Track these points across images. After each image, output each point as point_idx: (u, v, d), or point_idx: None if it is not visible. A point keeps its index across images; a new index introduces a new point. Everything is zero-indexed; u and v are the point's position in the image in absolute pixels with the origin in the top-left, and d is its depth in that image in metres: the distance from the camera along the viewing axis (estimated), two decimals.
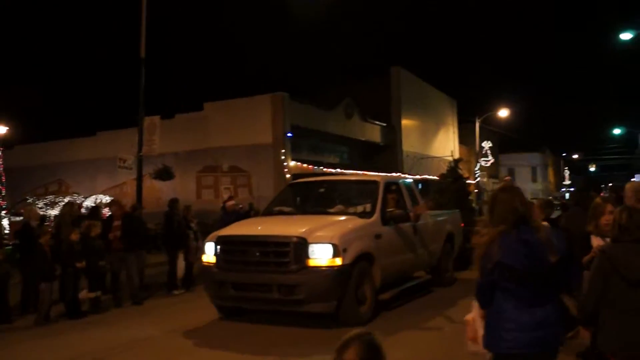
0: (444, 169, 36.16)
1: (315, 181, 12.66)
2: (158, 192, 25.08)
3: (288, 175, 25.28)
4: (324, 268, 8.10)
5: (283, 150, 25.03)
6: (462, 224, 13.41)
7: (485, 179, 48.76)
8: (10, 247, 12.63)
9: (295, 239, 8.19)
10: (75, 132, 33.62)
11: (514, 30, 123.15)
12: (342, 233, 8.48)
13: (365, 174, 16.17)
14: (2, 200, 26.78)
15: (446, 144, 42.56)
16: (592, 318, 3.95)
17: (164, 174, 22.51)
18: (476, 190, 41.18)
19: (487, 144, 49.37)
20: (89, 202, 24.15)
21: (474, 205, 29.97)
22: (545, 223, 5.16)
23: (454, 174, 18.41)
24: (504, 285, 3.46)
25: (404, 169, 33.57)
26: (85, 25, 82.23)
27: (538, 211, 6.93)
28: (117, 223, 11.20)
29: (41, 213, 18.90)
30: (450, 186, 17.53)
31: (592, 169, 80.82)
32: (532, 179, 65.93)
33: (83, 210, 20.78)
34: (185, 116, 27.24)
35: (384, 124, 34.05)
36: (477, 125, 41.18)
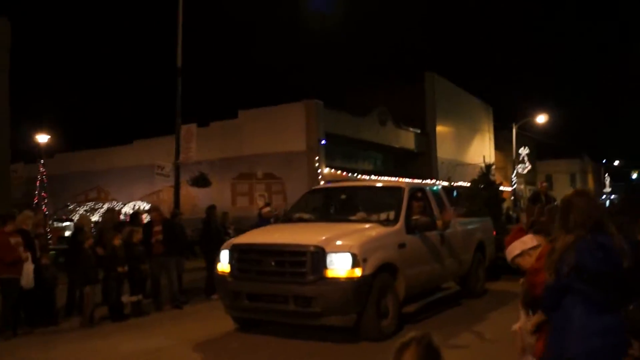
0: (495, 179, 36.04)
1: (337, 187, 12.19)
2: (194, 199, 25.42)
3: (322, 182, 25.40)
4: (342, 279, 7.60)
5: (317, 158, 25.15)
6: (494, 232, 12.87)
7: (522, 186, 48.22)
8: (54, 252, 13.01)
9: (312, 248, 7.70)
10: (113, 140, 34.35)
11: (550, 34, 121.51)
12: (362, 242, 7.99)
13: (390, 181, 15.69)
14: (45, 207, 27.48)
15: (482, 151, 42.12)
16: None
17: (201, 181, 22.81)
18: (512, 198, 40.77)
19: (524, 151, 48.73)
20: (127, 209, 24.63)
21: (510, 212, 29.71)
22: None
23: (485, 179, 17.44)
24: (579, 288, 3.44)
25: (439, 176, 33.42)
26: (122, 35, 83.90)
27: None
28: (157, 228, 11.43)
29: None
30: (481, 193, 16.72)
31: (634, 175, 79.09)
32: (571, 185, 64.85)
33: (121, 217, 21.25)
34: (220, 124, 27.59)
35: (418, 131, 33.94)
36: (514, 131, 40.75)
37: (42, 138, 30.32)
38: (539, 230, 5.06)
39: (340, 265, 7.62)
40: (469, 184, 18.79)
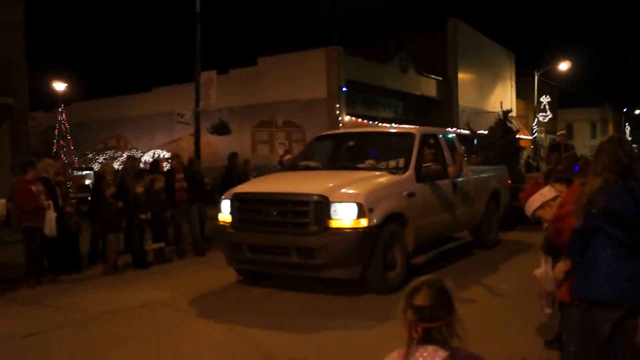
0: (515, 127, 35.69)
1: (346, 134, 11.69)
2: (214, 147, 25.30)
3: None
4: (347, 230, 7.30)
5: (337, 105, 24.79)
6: (510, 181, 12.54)
7: (542, 135, 47.56)
8: (75, 200, 12.96)
9: (315, 198, 7.37)
10: (132, 88, 34.14)
11: None
12: (369, 191, 7.61)
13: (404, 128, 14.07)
14: (64, 156, 27.54)
15: (504, 99, 41.36)
16: None
17: (222, 129, 22.62)
18: (533, 146, 40.26)
19: (545, 99, 47.84)
20: (147, 157, 24.57)
21: (531, 161, 29.33)
22: None
23: (502, 127, 16.55)
24: (607, 230, 3.43)
25: (460, 124, 32.95)
26: None
27: None
28: (180, 176, 11.32)
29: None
30: (498, 141, 15.92)
31: None
32: (591, 135, 63.94)
33: (141, 165, 21.19)
34: (239, 71, 27.20)
35: (440, 78, 33.33)
36: (536, 79, 40.02)
37: (60, 86, 30.20)
38: (558, 179, 4.96)
39: (345, 216, 7.30)
40: (484, 132, 18.22)
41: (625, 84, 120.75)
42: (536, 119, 43.18)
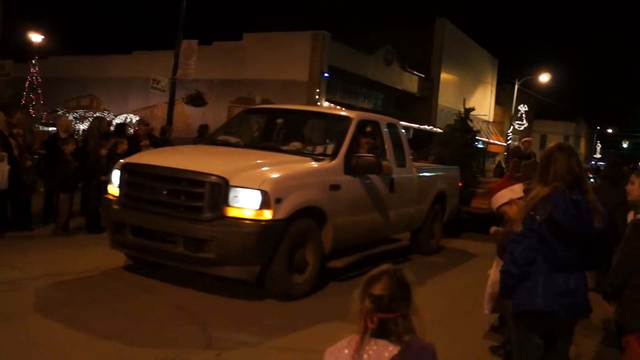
0: (477, 127, 35.93)
1: (278, 109, 10.20)
2: (188, 118, 24.95)
3: None
4: (246, 221, 6.06)
5: (318, 90, 24.57)
6: (461, 184, 11.60)
7: (516, 142, 47.96)
8: (37, 156, 12.56)
9: (213, 179, 6.11)
10: (111, 49, 33.43)
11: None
12: (280, 178, 6.38)
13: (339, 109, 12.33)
14: (32, 110, 26.84)
15: (483, 103, 41.66)
16: (619, 291, 4.04)
17: (197, 100, 22.28)
18: (506, 153, 40.64)
19: (523, 108, 48.31)
20: (118, 120, 24.06)
21: (503, 165, 29.62)
22: None
23: (462, 125, 14.97)
24: (548, 241, 3.39)
25: (437, 123, 32.99)
26: None
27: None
28: (145, 142, 11.02)
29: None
30: (456, 139, 14.50)
31: (625, 145, 79.08)
32: None
33: (111, 128, 20.75)
34: (223, 44, 26.79)
35: (422, 75, 33.31)
36: (516, 87, 40.38)
37: (36, 37, 29.39)
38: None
39: (245, 204, 6.07)
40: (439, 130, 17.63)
41: (600, 103, 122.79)
42: (512, 126, 43.61)
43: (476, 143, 16.69)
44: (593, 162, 69.63)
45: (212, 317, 5.81)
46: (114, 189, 7.03)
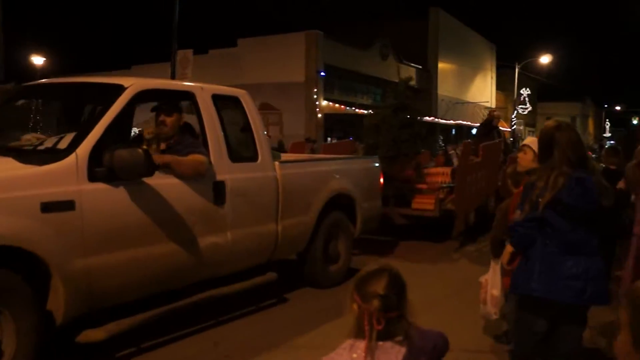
0: (479, 114, 35.90)
1: (44, 86, 6.23)
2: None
3: (320, 115, 25.22)
4: None
5: (315, 90, 24.89)
6: (382, 181, 8.22)
7: (521, 127, 47.97)
8: None
9: None
10: (110, 65, 33.93)
11: None
12: None
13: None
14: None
15: (483, 90, 41.82)
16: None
17: None
18: (511, 139, 40.61)
19: (525, 91, 48.25)
20: None
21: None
22: None
23: (400, 102, 10.76)
24: (552, 223, 3.32)
25: (438, 114, 33.19)
26: None
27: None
28: None
29: None
30: (391, 120, 10.48)
31: (635, 121, 78.64)
32: None
33: None
34: (218, 52, 27.19)
35: (420, 67, 33.47)
36: (517, 71, 40.34)
37: (38, 60, 29.98)
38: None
39: None
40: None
41: (607, 80, 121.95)
42: (515, 111, 43.52)
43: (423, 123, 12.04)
44: (601, 141, 69.29)
45: None
46: None
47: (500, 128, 13.90)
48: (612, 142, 60.44)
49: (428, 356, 2.26)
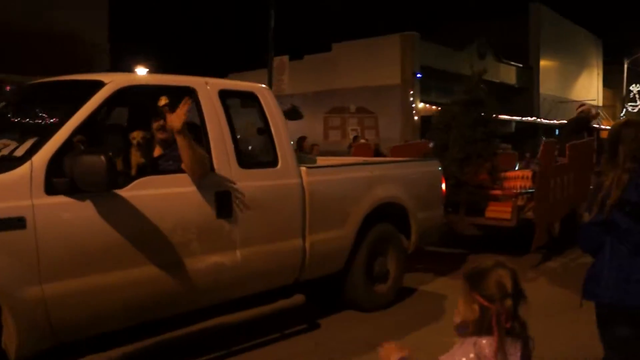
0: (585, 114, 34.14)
1: (34, 86, 5.25)
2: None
3: (416, 118, 24.75)
4: None
5: (411, 92, 24.45)
6: (445, 189, 7.25)
7: None
8: None
9: None
10: (208, 73, 34.85)
11: None
12: None
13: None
14: None
15: (589, 87, 39.81)
16: None
17: (293, 114, 22.73)
18: None
19: (635, 88, 45.62)
20: None
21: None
22: None
23: (471, 97, 9.45)
24: (619, 224, 3.11)
25: (540, 113, 31.88)
26: None
27: None
28: None
29: None
30: (463, 117, 9.26)
31: None
32: None
33: None
34: (313, 57, 27.31)
35: (520, 65, 32.29)
36: (625, 67, 38.31)
37: (141, 71, 31.16)
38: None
39: None
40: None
41: None
42: (624, 110, 41.34)
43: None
44: None
45: None
46: None
47: (602, 127, 12.72)
48: None
49: (530, 351, 2.29)
